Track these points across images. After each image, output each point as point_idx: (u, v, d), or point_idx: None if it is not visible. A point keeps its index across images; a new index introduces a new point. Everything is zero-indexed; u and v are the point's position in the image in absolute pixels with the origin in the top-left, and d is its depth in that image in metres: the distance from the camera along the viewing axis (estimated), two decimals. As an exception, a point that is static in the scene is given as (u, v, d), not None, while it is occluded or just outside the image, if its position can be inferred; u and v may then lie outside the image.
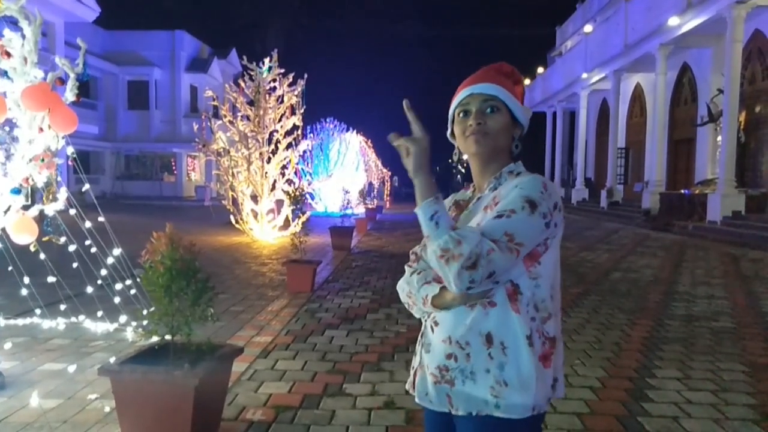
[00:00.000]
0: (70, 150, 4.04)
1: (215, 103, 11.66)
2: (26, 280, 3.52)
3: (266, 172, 11.65)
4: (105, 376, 2.66)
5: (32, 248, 3.27)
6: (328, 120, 20.75)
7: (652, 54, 17.09)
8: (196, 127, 11.68)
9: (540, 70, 31.32)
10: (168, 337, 2.72)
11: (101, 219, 4.23)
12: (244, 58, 11.45)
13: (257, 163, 11.44)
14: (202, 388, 2.58)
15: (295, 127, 11.98)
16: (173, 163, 28.78)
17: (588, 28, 23.58)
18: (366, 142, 29.13)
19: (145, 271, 2.63)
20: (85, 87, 27.54)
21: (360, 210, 20.41)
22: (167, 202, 25.10)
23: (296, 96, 11.65)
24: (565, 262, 8.85)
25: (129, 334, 4.69)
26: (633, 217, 17.34)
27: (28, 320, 4.41)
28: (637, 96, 22.56)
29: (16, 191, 3.21)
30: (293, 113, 11.74)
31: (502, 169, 1.37)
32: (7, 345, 3.88)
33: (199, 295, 2.66)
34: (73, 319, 4.30)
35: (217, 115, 11.73)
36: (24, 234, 3.35)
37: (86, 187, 4.45)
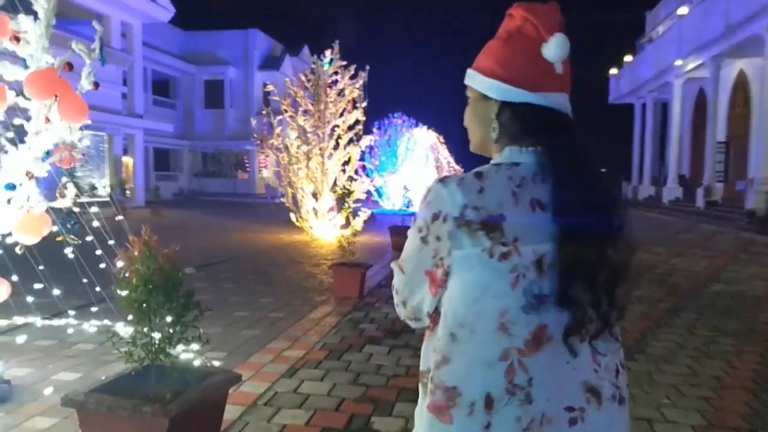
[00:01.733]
0: (85, 142, 3.72)
1: (276, 98, 11.44)
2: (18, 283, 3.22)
3: (327, 169, 11.29)
4: (68, 407, 2.24)
5: (18, 250, 2.94)
6: (395, 115, 20.23)
7: (760, 35, 15.11)
8: (254, 122, 11.53)
9: (627, 58, 29.11)
10: (145, 362, 2.26)
11: (119, 218, 3.92)
12: (307, 51, 11.12)
13: (317, 159, 11.10)
14: (179, 428, 2.09)
15: (357, 122, 11.54)
16: (246, 161, 29.46)
17: (683, 10, 21.45)
18: (438, 138, 28.39)
19: (118, 283, 2.18)
20: (164, 87, 28.76)
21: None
22: (240, 199, 25.68)
23: (358, 89, 11.19)
24: (654, 270, 7.77)
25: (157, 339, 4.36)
26: (734, 218, 15.48)
27: (63, 321, 4.20)
28: (741, 84, 20.24)
29: (11, 187, 2.89)
30: (355, 107, 11.29)
31: None
32: (30, 349, 3.67)
33: (181, 313, 2.18)
34: (106, 321, 4.04)
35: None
36: (28, 234, 3.04)
37: (105, 185, 4.15)
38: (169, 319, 2.15)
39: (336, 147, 11.42)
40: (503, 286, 0.95)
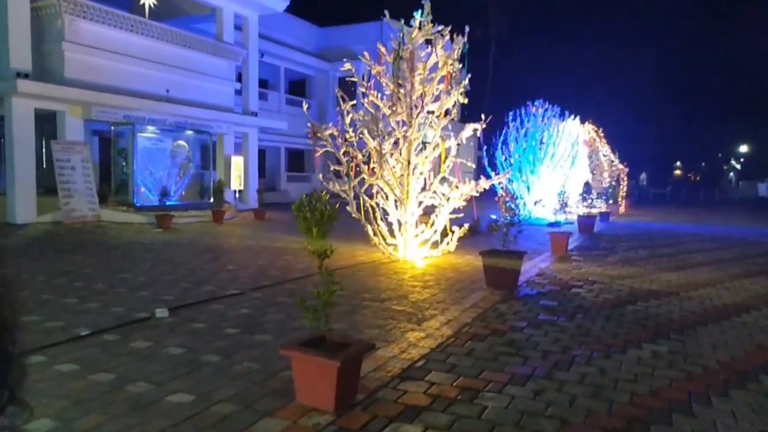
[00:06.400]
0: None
1: (354, 78, 9.02)
2: None
3: (415, 167, 8.55)
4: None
5: None
6: (535, 103, 16.58)
7: None
8: (306, 106, 9.18)
9: None
10: None
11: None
12: (388, 13, 8.50)
13: (398, 156, 8.43)
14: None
15: (457, 105, 8.64)
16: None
17: None
18: (596, 132, 23.89)
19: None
20: (300, 86, 28.25)
21: (572, 217, 15.88)
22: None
23: (454, 60, 8.27)
24: None
25: None
26: None
27: None
28: None
29: None
30: (451, 85, 8.39)
31: None
32: None
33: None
34: None
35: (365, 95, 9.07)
36: None
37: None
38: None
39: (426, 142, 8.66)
40: None
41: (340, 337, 3.44)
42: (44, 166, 14.46)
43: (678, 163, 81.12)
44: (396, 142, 8.45)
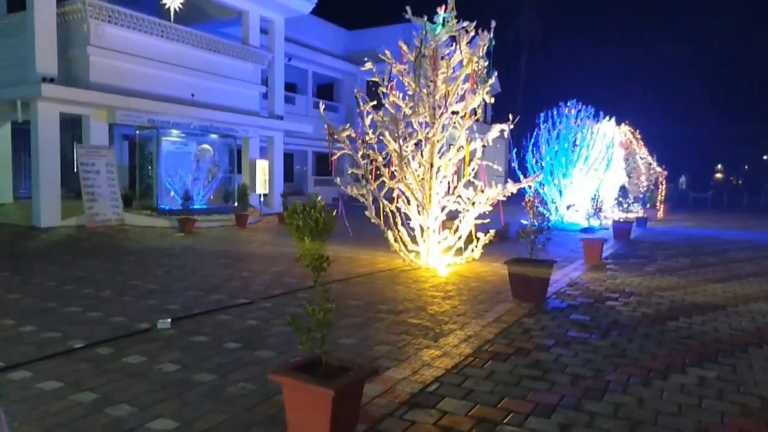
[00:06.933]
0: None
1: (375, 78, 8.69)
2: None
3: (437, 169, 8.16)
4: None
5: None
6: (568, 104, 15.93)
7: None
8: (323, 107, 8.84)
9: None
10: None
11: None
12: (409, 10, 8.13)
13: (420, 158, 8.04)
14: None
15: (482, 105, 8.20)
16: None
17: None
18: (633, 134, 22.97)
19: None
20: (328, 90, 28.12)
21: (607, 222, 15.18)
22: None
23: (480, 57, 7.84)
24: None
25: None
26: None
27: None
28: None
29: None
30: (476, 84, 7.95)
31: None
32: None
33: None
34: None
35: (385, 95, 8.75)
36: None
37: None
38: None
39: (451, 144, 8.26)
40: None
41: (338, 361, 3.07)
42: (75, 170, 14.59)
43: (719, 166, 78.23)
44: (418, 144, 8.08)
